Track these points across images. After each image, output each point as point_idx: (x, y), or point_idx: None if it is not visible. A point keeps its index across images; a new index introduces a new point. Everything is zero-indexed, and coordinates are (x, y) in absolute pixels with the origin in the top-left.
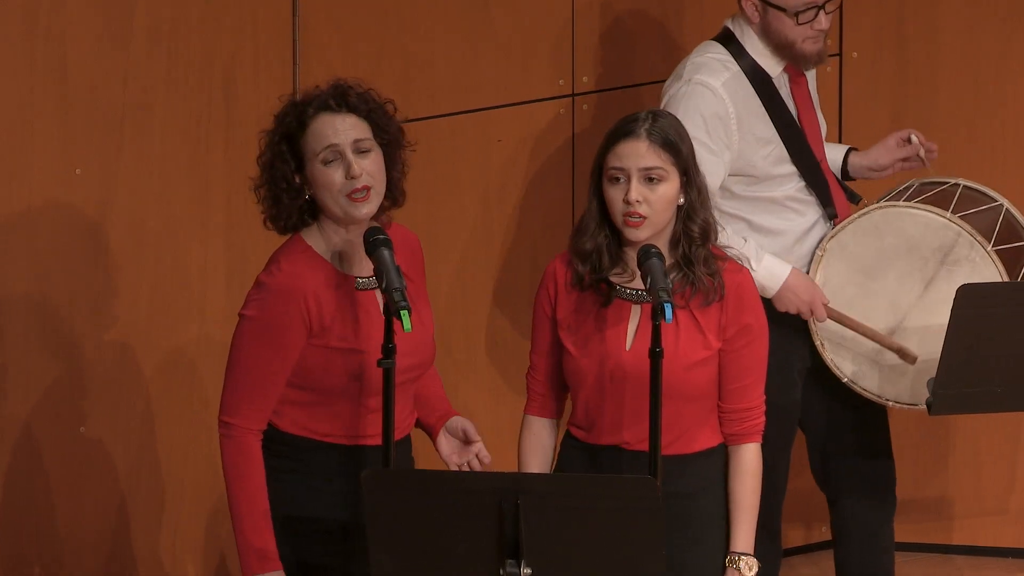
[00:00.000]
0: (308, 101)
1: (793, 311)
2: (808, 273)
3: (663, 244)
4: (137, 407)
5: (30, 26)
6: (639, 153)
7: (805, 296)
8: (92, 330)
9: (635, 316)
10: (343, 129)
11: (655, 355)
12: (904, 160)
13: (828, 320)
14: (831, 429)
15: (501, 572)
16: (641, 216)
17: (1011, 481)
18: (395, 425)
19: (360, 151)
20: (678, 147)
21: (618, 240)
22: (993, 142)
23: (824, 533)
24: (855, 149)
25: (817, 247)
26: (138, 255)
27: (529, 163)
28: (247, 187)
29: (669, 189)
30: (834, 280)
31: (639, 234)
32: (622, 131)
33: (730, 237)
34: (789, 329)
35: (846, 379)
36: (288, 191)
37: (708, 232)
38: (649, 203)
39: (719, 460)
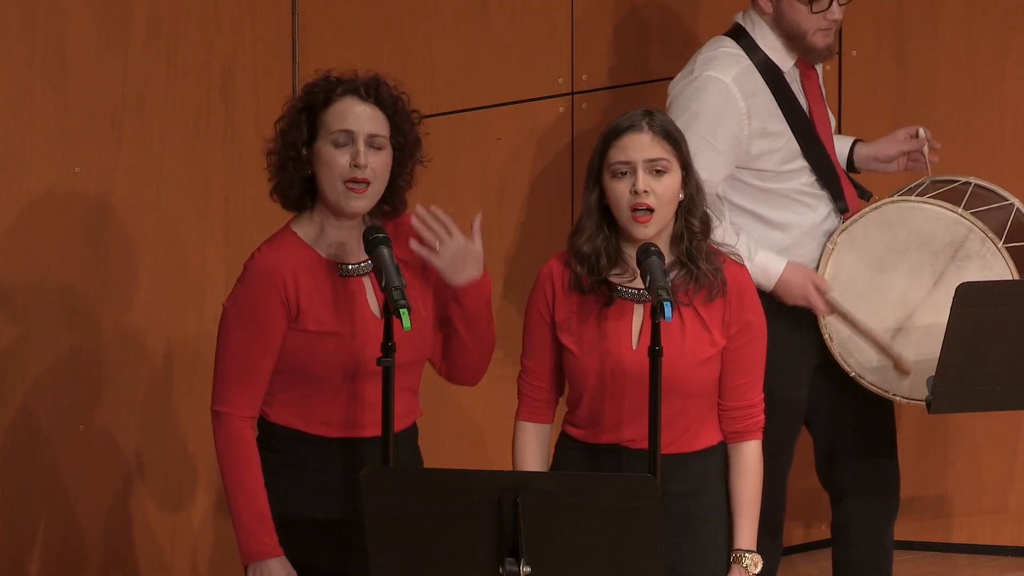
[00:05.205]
0: (340, 81)
1: (794, 304)
2: (819, 267)
3: (664, 242)
4: (136, 404)
5: (29, 25)
6: (644, 144)
7: (799, 293)
8: (91, 327)
9: (639, 315)
10: (364, 118)
11: (655, 353)
12: (908, 154)
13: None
14: (838, 427)
15: (500, 570)
16: (649, 208)
17: (1010, 480)
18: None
19: (373, 146)
20: (678, 141)
21: (617, 240)
22: (992, 140)
23: (824, 532)
24: (861, 140)
25: (828, 240)
26: (137, 253)
27: (529, 161)
28: (246, 185)
29: (673, 181)
30: (844, 274)
31: (646, 231)
32: (623, 126)
33: (726, 232)
34: (799, 323)
35: (853, 373)
36: (295, 160)
37: (708, 224)
38: (656, 194)
39: (719, 458)
